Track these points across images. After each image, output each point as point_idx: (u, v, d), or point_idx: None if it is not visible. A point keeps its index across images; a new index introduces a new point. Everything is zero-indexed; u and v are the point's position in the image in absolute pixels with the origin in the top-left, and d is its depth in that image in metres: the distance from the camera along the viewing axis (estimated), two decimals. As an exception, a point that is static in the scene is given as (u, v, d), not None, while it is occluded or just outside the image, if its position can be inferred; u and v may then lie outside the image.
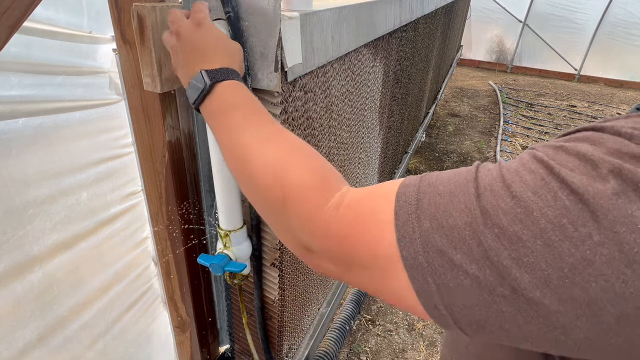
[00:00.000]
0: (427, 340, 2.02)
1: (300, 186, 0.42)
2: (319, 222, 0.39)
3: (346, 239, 0.37)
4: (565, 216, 0.27)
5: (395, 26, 1.34)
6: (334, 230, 0.38)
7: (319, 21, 0.75)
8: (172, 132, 0.75)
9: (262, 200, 0.46)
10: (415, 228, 0.32)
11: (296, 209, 0.41)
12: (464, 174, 0.34)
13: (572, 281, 0.27)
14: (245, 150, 0.47)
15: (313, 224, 0.40)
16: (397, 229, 0.33)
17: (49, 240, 0.69)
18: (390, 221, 0.34)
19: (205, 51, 0.55)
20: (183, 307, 0.98)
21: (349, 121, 1.14)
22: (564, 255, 0.27)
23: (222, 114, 0.51)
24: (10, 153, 0.61)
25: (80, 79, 0.69)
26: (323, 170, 0.44)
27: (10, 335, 0.66)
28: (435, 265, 0.31)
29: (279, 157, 0.45)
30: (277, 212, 0.44)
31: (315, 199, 0.40)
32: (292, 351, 1.20)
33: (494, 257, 0.29)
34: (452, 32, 3.87)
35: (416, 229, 0.32)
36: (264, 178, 0.44)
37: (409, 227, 0.33)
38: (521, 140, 4.50)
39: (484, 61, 7.54)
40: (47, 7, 0.60)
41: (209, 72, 0.52)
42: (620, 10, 6.25)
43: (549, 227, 0.27)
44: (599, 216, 0.26)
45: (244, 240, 0.84)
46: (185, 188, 0.83)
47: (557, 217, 0.27)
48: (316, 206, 0.40)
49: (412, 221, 0.33)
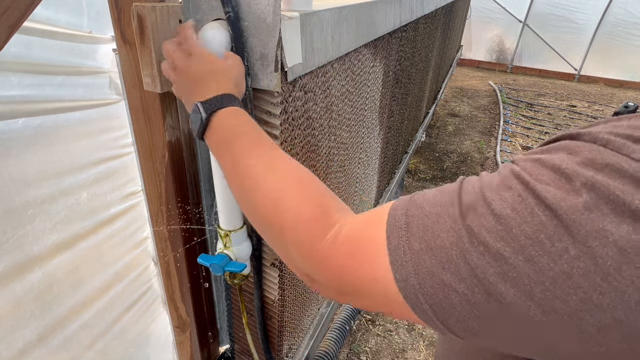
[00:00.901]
0: (427, 340, 2.02)
1: (299, 219, 0.43)
2: (319, 255, 0.41)
3: (345, 269, 0.39)
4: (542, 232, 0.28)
5: (395, 26, 1.34)
6: (333, 263, 0.40)
7: (319, 21, 0.75)
8: (172, 132, 0.75)
9: (263, 229, 0.47)
10: (407, 251, 0.34)
11: (296, 241, 0.43)
12: (447, 193, 0.35)
13: (553, 294, 0.28)
14: (245, 181, 0.48)
15: (313, 256, 0.41)
16: (389, 253, 0.35)
17: (49, 240, 0.69)
18: (383, 246, 0.35)
19: (198, 81, 0.55)
20: (183, 307, 0.98)
21: (349, 121, 1.14)
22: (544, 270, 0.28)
23: (221, 145, 0.52)
24: (10, 153, 0.61)
25: (80, 79, 0.69)
26: (322, 201, 0.44)
27: (10, 335, 0.66)
28: (426, 286, 0.33)
29: (279, 188, 0.46)
30: (278, 241, 0.45)
31: (313, 232, 0.41)
32: (292, 351, 1.20)
33: (481, 275, 0.30)
34: (452, 32, 3.87)
35: (407, 252, 0.34)
36: (265, 208, 0.45)
37: (401, 250, 0.34)
38: (521, 140, 4.50)
39: (484, 61, 7.54)
40: (47, 7, 0.60)
41: (204, 104, 0.53)
42: (620, 10, 6.25)
43: (528, 243, 0.28)
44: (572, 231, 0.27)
45: (244, 240, 0.84)
46: (185, 188, 0.83)
47: (534, 232, 0.28)
48: (315, 239, 0.41)
49: (402, 244, 0.34)
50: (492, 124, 4.96)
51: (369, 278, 0.37)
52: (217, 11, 0.65)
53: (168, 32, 0.64)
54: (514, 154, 2.63)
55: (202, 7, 0.66)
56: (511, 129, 4.76)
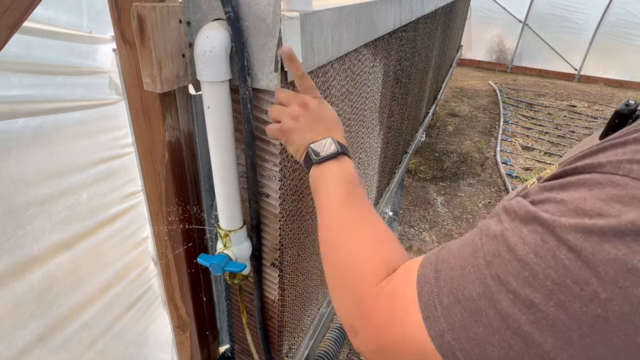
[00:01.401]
0: (427, 340, 2.02)
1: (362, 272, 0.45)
2: (365, 306, 0.42)
3: (382, 323, 0.39)
4: (567, 276, 0.27)
5: (395, 26, 1.34)
6: (374, 316, 0.41)
7: (319, 21, 0.75)
8: (172, 132, 0.75)
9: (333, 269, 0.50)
10: (437, 306, 0.33)
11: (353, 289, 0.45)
12: (470, 244, 0.35)
13: (593, 340, 0.26)
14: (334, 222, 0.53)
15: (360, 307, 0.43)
16: (421, 310, 0.35)
17: (49, 240, 0.69)
18: (415, 302, 0.35)
19: (330, 125, 0.64)
20: (183, 307, 0.98)
21: (349, 121, 1.14)
22: (577, 315, 0.26)
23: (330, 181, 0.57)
24: (10, 153, 0.61)
25: (80, 79, 0.69)
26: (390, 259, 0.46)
27: (10, 335, 0.66)
28: (462, 341, 0.32)
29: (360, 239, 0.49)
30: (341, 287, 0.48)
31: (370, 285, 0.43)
32: (292, 351, 1.20)
33: (514, 324, 0.29)
34: (452, 32, 3.87)
35: (438, 307, 0.33)
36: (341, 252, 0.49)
37: (432, 306, 0.34)
38: (521, 140, 4.50)
39: (484, 61, 7.55)
40: (47, 7, 0.60)
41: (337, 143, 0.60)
42: (620, 10, 6.25)
43: (556, 289, 0.27)
44: (600, 272, 0.26)
45: (244, 240, 0.84)
46: (185, 188, 0.83)
47: (559, 277, 0.27)
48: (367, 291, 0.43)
49: (433, 299, 0.34)
50: (492, 124, 4.96)
51: (402, 334, 0.36)
52: (217, 11, 0.65)
53: (168, 32, 0.64)
54: (514, 154, 2.61)
55: (202, 7, 0.66)
56: (511, 129, 4.76)
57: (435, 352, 0.33)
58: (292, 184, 0.85)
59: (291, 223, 0.91)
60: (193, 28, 0.67)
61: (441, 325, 0.33)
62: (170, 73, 0.66)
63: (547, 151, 4.23)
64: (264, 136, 0.74)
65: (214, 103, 0.67)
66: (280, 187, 0.79)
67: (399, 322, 0.37)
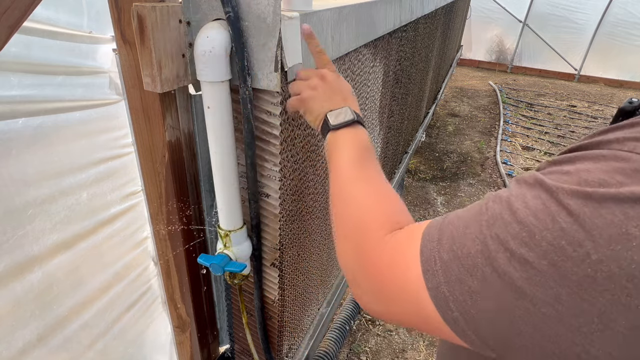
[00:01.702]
0: (427, 340, 2.02)
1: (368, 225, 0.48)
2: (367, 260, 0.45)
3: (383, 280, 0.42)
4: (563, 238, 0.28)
5: (395, 26, 1.34)
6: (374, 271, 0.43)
7: (319, 21, 0.75)
8: (172, 132, 0.75)
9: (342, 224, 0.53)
10: (437, 261, 0.36)
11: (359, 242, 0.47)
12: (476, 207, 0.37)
13: (580, 297, 0.28)
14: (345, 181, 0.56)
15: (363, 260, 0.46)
16: (422, 264, 0.37)
17: (49, 240, 0.69)
18: (417, 258, 0.38)
19: (346, 96, 0.68)
20: (183, 307, 0.98)
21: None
22: (568, 274, 0.28)
23: (345, 146, 0.61)
24: (10, 153, 0.61)
25: (80, 79, 0.69)
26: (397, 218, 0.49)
27: (10, 335, 0.66)
28: (456, 293, 0.34)
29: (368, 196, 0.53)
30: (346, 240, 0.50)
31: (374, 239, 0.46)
32: (292, 351, 1.20)
33: (508, 280, 0.31)
34: (452, 32, 3.87)
35: (437, 262, 0.36)
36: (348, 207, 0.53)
37: (432, 261, 0.36)
38: (521, 140, 4.50)
39: (484, 61, 7.55)
40: (47, 7, 0.60)
41: (354, 112, 0.64)
42: (620, 10, 6.25)
43: (550, 249, 0.29)
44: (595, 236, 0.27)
45: (244, 240, 0.84)
46: (185, 188, 0.83)
47: (555, 239, 0.29)
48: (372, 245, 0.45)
49: (434, 255, 0.36)
50: (492, 124, 4.96)
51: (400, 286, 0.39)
52: (217, 11, 0.65)
53: (168, 32, 0.64)
54: (514, 154, 2.62)
55: (202, 7, 0.66)
56: (511, 129, 4.76)
57: (430, 304, 0.35)
58: (292, 184, 0.85)
59: (291, 223, 0.91)
60: (193, 28, 0.68)
61: (438, 278, 0.35)
62: (170, 73, 0.66)
63: (547, 151, 4.24)
64: (264, 136, 0.74)
65: (214, 103, 0.67)
66: (280, 187, 0.79)
67: (399, 275, 0.39)
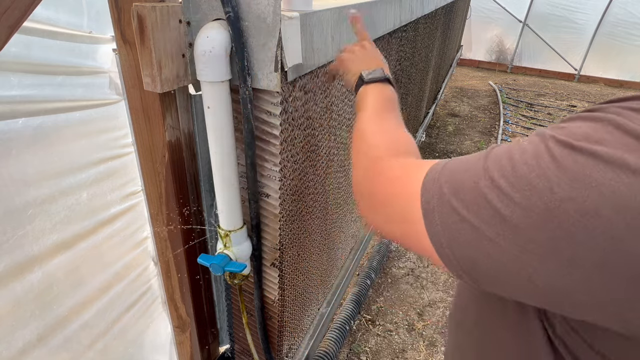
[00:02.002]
0: (427, 340, 2.02)
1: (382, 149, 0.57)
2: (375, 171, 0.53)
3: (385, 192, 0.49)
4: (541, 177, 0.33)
5: (395, 26, 1.34)
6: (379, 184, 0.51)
7: (319, 21, 0.75)
8: (172, 132, 0.75)
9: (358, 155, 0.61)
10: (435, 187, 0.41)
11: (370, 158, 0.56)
12: (480, 153, 0.42)
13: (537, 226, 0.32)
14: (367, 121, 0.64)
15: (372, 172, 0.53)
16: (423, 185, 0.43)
17: (49, 240, 0.69)
18: (419, 184, 0.43)
19: (381, 61, 0.78)
20: (183, 307, 0.98)
21: (349, 121, 1.14)
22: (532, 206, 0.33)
23: (372, 96, 0.69)
24: (10, 153, 0.61)
25: (80, 79, 0.69)
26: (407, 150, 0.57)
27: (10, 335, 0.66)
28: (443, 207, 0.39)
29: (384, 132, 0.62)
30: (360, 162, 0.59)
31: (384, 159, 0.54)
32: (292, 351, 1.20)
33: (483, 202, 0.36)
34: (452, 32, 3.87)
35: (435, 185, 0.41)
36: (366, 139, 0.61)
37: (430, 186, 0.42)
38: (521, 140, 4.49)
39: (484, 61, 7.54)
40: (47, 7, 0.60)
41: (385, 73, 0.72)
42: (620, 10, 6.25)
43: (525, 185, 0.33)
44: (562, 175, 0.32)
45: (244, 240, 0.84)
46: (185, 188, 0.83)
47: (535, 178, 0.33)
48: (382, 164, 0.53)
49: (434, 184, 0.42)
50: (492, 124, 4.96)
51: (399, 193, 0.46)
52: (217, 11, 0.65)
53: (168, 32, 0.64)
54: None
55: (202, 7, 0.66)
56: (511, 129, 4.77)
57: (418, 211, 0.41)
58: (292, 184, 0.85)
59: (291, 223, 0.91)
60: (193, 28, 0.68)
61: (433, 193, 0.41)
62: (170, 73, 0.66)
63: (547, 151, 4.22)
64: (264, 136, 0.74)
65: (214, 103, 0.67)
66: (280, 187, 0.79)
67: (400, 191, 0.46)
